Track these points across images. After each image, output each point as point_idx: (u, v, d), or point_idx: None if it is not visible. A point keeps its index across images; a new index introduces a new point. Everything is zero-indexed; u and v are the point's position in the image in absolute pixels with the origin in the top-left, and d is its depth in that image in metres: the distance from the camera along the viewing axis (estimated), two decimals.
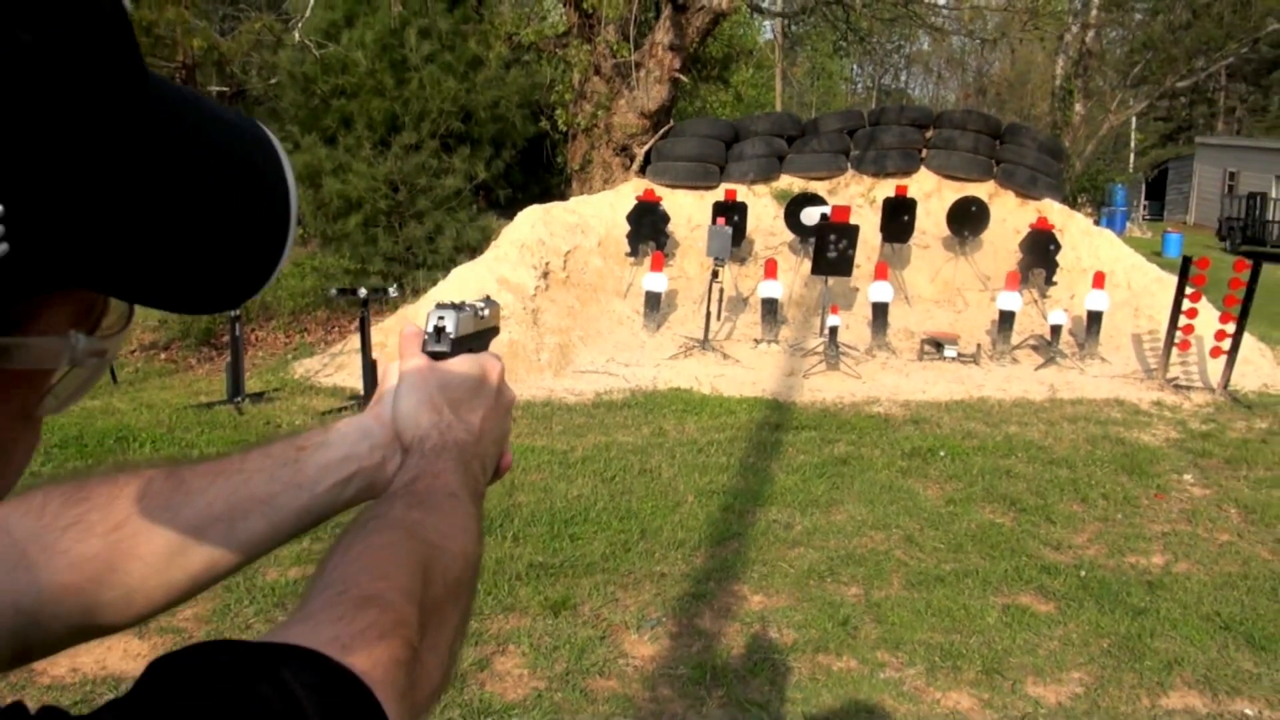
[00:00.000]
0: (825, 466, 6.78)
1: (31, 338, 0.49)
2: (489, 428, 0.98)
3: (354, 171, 12.52)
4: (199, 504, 0.86)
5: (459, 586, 0.77)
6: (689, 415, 8.11)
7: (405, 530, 0.77)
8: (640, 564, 5.16)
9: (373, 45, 12.41)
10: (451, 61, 12.92)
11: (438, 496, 0.84)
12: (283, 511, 0.89)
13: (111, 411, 7.70)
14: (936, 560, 5.29)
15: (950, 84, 53.87)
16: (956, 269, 12.05)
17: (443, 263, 12.34)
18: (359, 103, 12.68)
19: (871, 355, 10.24)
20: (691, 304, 11.34)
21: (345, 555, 0.72)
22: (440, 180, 13.00)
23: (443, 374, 0.97)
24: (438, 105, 12.80)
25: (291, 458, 0.91)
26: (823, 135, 13.08)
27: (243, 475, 0.89)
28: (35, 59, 0.40)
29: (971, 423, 8.04)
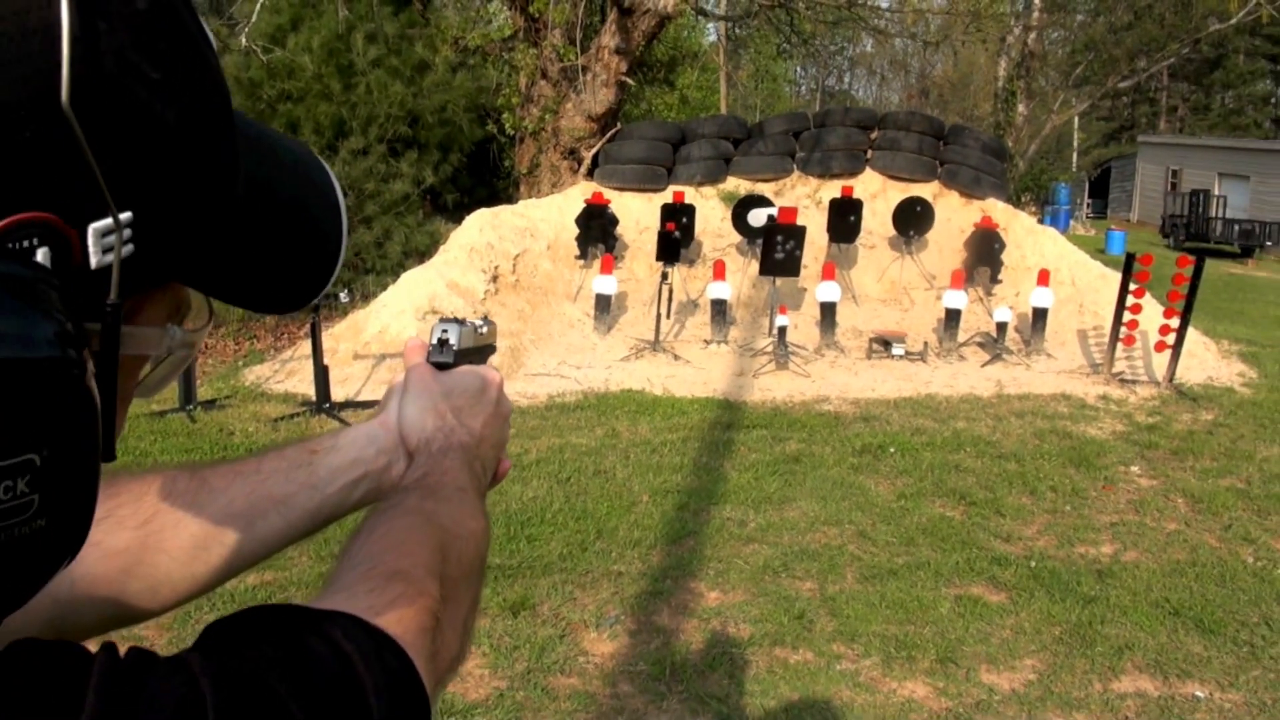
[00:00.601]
0: (777, 464, 6.85)
1: (138, 327, 0.58)
2: (489, 434, 1.05)
3: None
4: (221, 502, 0.92)
5: (472, 568, 0.84)
6: (641, 416, 8.15)
7: (423, 516, 0.84)
8: (597, 563, 5.19)
9: (319, 50, 12.35)
10: (398, 66, 12.90)
11: (448, 490, 0.91)
12: (297, 511, 0.96)
13: None
14: (889, 554, 5.38)
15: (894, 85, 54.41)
16: (903, 268, 12.20)
17: (391, 267, 12.30)
18: (305, 107, 12.60)
19: (820, 354, 10.33)
20: (642, 306, 11.37)
21: (370, 536, 0.79)
22: (388, 185, 12.97)
23: (446, 382, 1.04)
24: (385, 110, 12.76)
25: (305, 460, 0.98)
26: (769, 137, 13.18)
27: (260, 476, 0.95)
28: (162, 94, 0.51)
29: (920, 419, 8.14)
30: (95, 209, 0.49)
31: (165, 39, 0.51)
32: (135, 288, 0.54)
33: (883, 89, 55.35)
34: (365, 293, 11.85)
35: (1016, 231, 12.16)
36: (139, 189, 0.51)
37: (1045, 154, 32.50)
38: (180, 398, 7.88)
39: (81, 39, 0.46)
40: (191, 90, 0.53)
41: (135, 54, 0.49)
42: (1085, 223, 32.96)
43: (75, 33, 0.46)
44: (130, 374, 0.62)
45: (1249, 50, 41.17)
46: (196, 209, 0.56)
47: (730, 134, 13.24)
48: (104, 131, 0.48)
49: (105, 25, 0.48)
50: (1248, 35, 36.68)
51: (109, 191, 0.49)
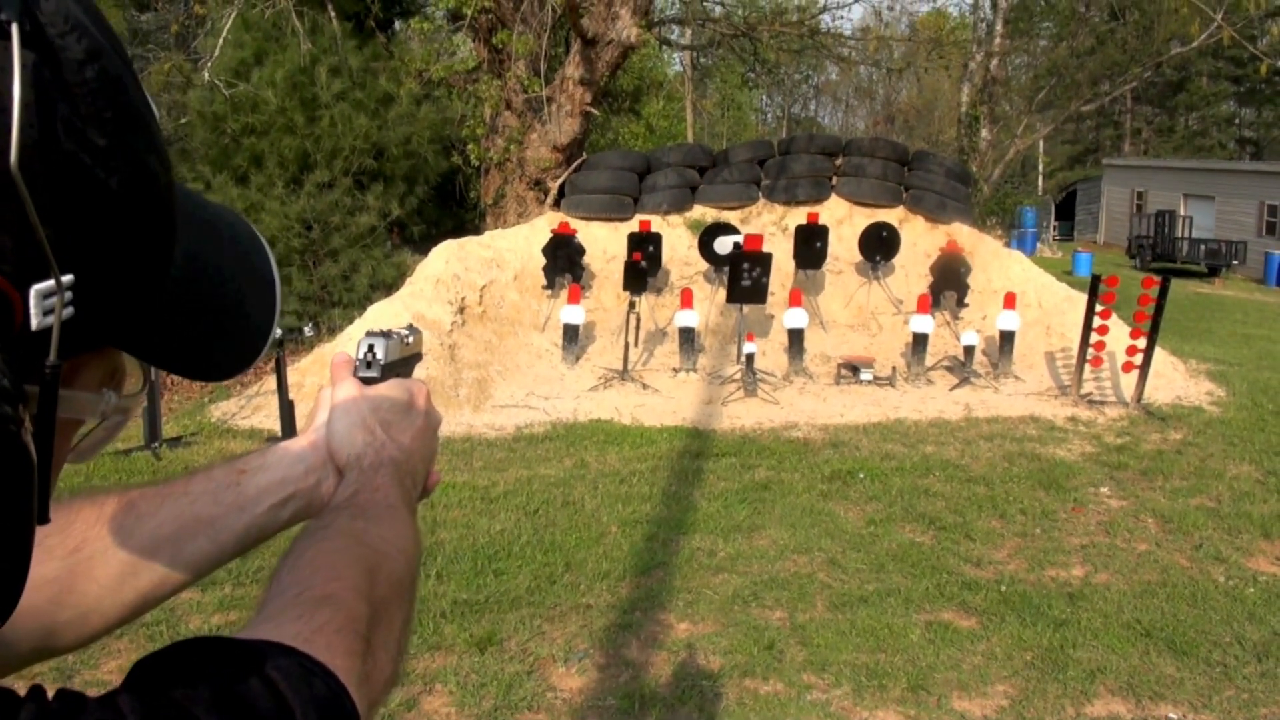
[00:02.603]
0: (746, 492, 6.83)
1: (75, 390, 0.59)
2: (418, 446, 1.04)
3: (266, 210, 12.40)
4: (149, 526, 0.91)
5: (402, 586, 0.84)
6: (610, 446, 8.11)
7: (352, 536, 0.83)
8: (566, 596, 5.15)
9: (283, 83, 12.32)
10: (362, 99, 12.88)
11: (378, 508, 0.91)
12: (225, 532, 0.95)
13: None
14: (859, 581, 5.35)
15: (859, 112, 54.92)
16: (870, 293, 12.23)
17: (358, 300, 12.25)
18: (270, 141, 12.55)
19: (789, 381, 10.34)
20: (609, 335, 11.35)
21: (299, 561, 0.78)
22: (354, 218, 12.93)
23: (374, 397, 1.04)
24: (350, 142, 12.74)
25: (233, 481, 0.97)
26: (734, 165, 13.22)
27: (188, 499, 0.94)
28: (107, 161, 0.52)
29: (889, 444, 8.15)
30: (38, 270, 0.50)
31: (112, 108, 0.52)
32: (73, 350, 0.54)
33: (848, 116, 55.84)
34: (332, 326, 11.79)
35: (982, 255, 12.23)
36: (81, 252, 0.52)
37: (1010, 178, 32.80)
38: (145, 435, 7.78)
39: (32, 106, 0.48)
40: (135, 159, 0.54)
41: (82, 122, 0.50)
42: (1052, 245, 33.25)
43: (26, 100, 0.47)
44: (65, 438, 0.63)
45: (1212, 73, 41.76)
46: (135, 274, 0.56)
47: (696, 163, 13.27)
48: (49, 195, 0.49)
49: (56, 94, 0.49)
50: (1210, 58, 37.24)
51: (52, 254, 0.50)
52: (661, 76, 24.75)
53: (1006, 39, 26.42)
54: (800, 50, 17.69)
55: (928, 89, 42.14)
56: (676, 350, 10.87)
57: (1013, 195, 33.18)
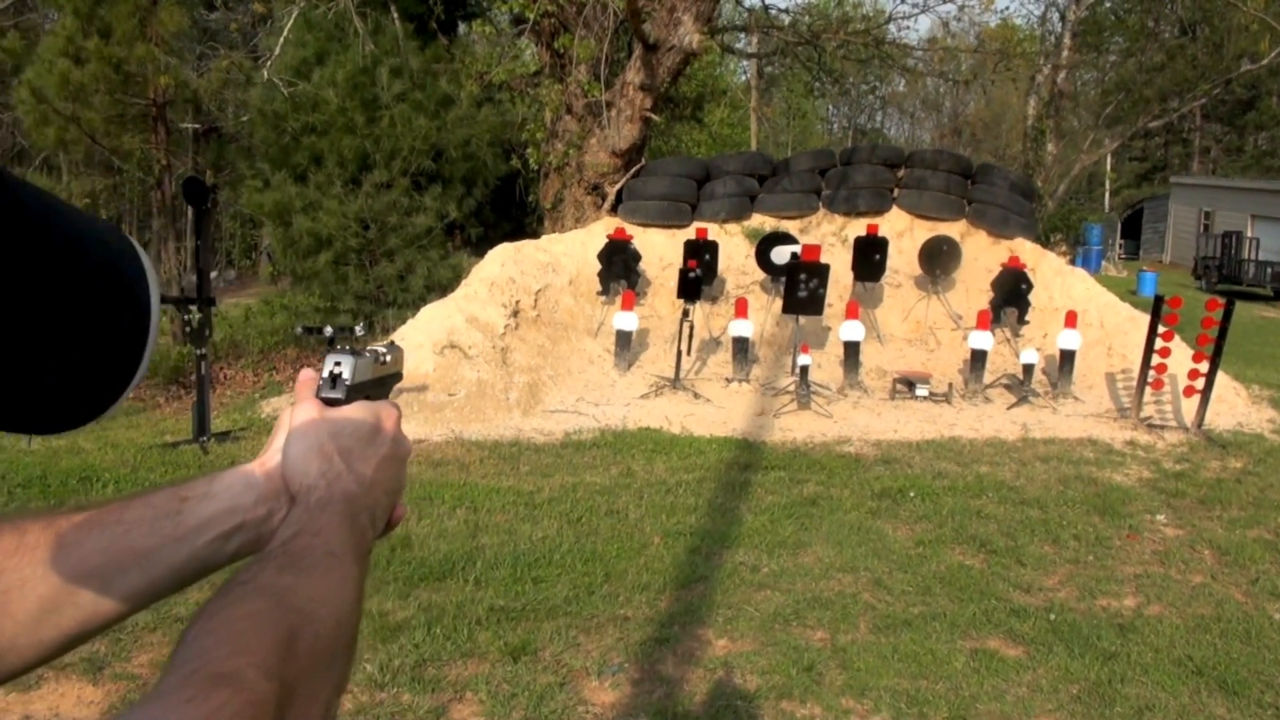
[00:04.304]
0: (794, 507, 6.71)
1: None
2: (381, 478, 0.95)
3: (324, 209, 12.50)
4: (74, 558, 0.83)
5: (329, 653, 0.74)
6: (658, 455, 8.04)
7: (272, 598, 0.73)
8: (603, 608, 5.07)
9: (344, 83, 12.42)
10: (423, 100, 12.94)
11: (315, 555, 0.81)
12: (160, 566, 0.87)
13: (76, 451, 7.58)
14: (904, 603, 5.22)
15: (926, 125, 54.44)
16: (928, 308, 12.06)
17: (413, 301, 12.30)
18: (330, 140, 12.66)
19: (843, 394, 10.20)
20: (663, 343, 11.28)
21: (205, 626, 0.69)
22: (411, 218, 12.99)
23: (334, 421, 0.95)
24: (409, 143, 12.80)
25: (173, 509, 0.89)
26: (795, 174, 13.12)
27: (121, 527, 0.86)
28: None
29: (943, 462, 7.99)
30: None
31: None
32: None
33: (915, 128, 55.37)
34: (385, 326, 11.84)
35: (1044, 272, 12.00)
36: None
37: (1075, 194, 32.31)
38: (194, 429, 7.85)
39: None
40: None
41: None
42: (1117, 264, 32.66)
43: None
44: None
45: None
46: None
47: (756, 171, 13.18)
48: None
49: None
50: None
51: None
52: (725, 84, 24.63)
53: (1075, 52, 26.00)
54: (865, 60, 17.50)
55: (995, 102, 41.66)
56: (730, 360, 10.78)
57: (1078, 212, 32.68)
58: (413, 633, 4.67)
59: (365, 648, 4.52)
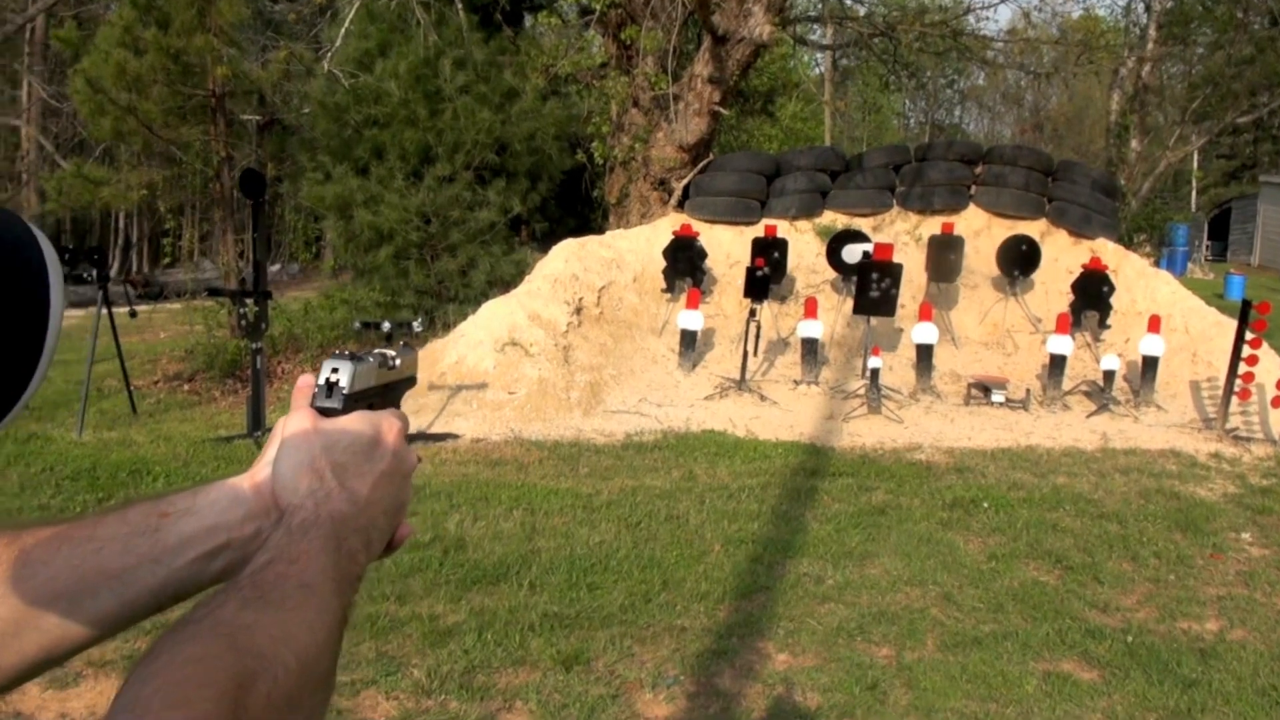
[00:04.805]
0: (861, 516, 6.61)
1: None
2: (379, 496, 0.88)
3: (386, 203, 12.58)
4: (41, 578, 0.78)
5: (292, 699, 0.68)
6: (721, 459, 7.97)
7: (225, 639, 0.67)
8: (660, 617, 5.01)
9: (406, 75, 12.48)
10: (486, 92, 12.97)
11: (286, 588, 0.74)
12: (135, 588, 0.81)
13: (128, 444, 7.69)
14: (975, 620, 5.10)
15: (1006, 119, 53.61)
16: (1006, 310, 11.84)
17: (475, 297, 12.35)
18: (391, 133, 12.74)
19: (915, 399, 10.07)
20: (729, 343, 11.21)
21: (148, 669, 0.63)
22: (474, 213, 13.03)
23: (329, 433, 0.88)
24: (472, 136, 12.84)
25: (151, 526, 0.83)
26: (868, 171, 12.97)
27: (93, 545, 0.81)
28: None
29: (1018, 472, 7.83)
30: None
31: None
32: None
33: (994, 123, 54.58)
34: (446, 322, 11.88)
35: (1127, 274, 11.73)
36: None
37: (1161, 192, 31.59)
38: (248, 423, 7.92)
39: None
40: None
41: None
42: (1204, 266, 31.87)
43: None
44: None
45: None
46: None
47: (827, 166, 13.04)
48: None
49: None
50: None
51: None
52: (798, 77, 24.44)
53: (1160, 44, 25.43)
54: (943, 52, 17.23)
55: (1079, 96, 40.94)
56: (798, 361, 10.68)
57: (1162, 211, 31.92)
58: (463, 638, 4.65)
59: (414, 652, 4.51)
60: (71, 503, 6.33)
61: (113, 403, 9.50)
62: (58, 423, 8.68)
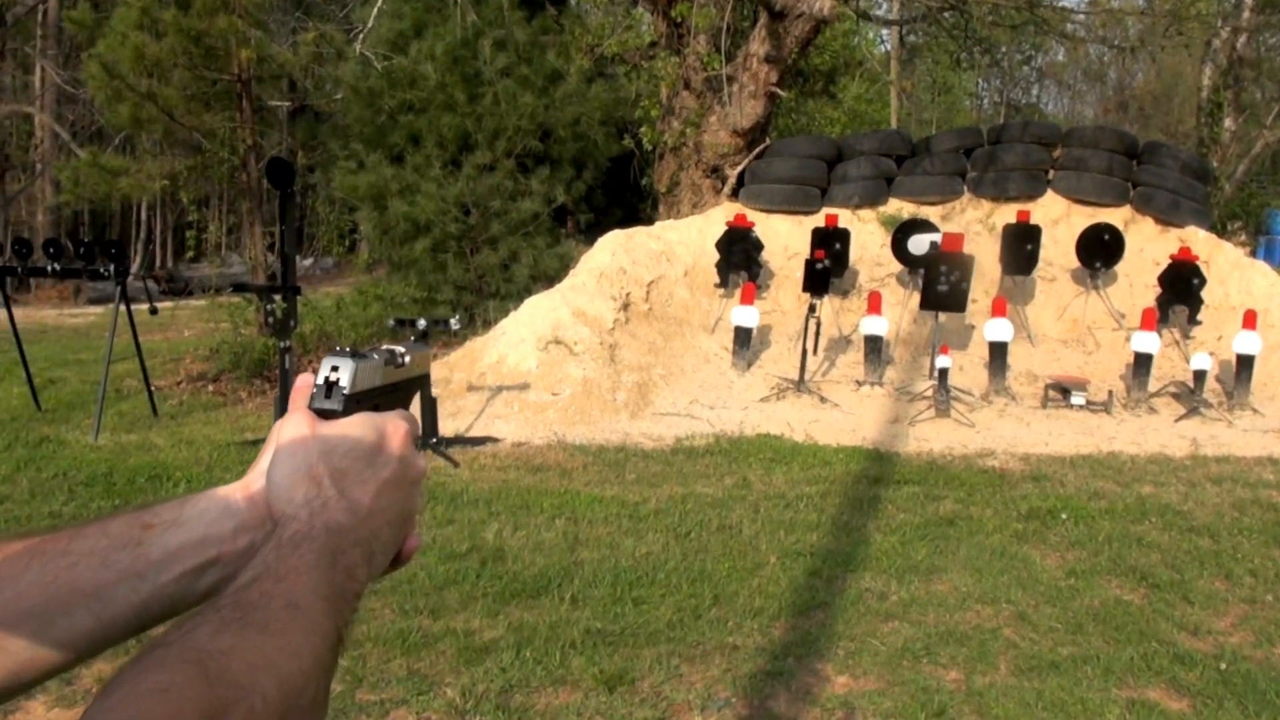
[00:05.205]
0: (928, 527, 6.55)
1: None
2: (383, 506, 0.86)
3: (423, 193, 12.65)
4: (6, 596, 0.76)
5: None
6: (778, 465, 7.95)
7: (197, 666, 0.64)
8: (710, 634, 4.99)
9: (443, 57, 12.54)
10: (529, 75, 13.00)
11: (272, 608, 0.71)
12: (115, 606, 0.79)
13: (147, 447, 7.78)
14: (1052, 642, 5.02)
15: (1088, 98, 52.95)
16: (1086, 305, 11.71)
17: (517, 292, 12.39)
18: (428, 119, 12.80)
19: (987, 401, 9.99)
20: (786, 341, 11.19)
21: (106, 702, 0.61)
22: (516, 203, 13.07)
23: (328, 437, 0.86)
24: (514, 122, 12.88)
25: (133, 539, 0.82)
26: (936, 155, 12.90)
27: (67, 559, 0.79)
28: None
29: (1100, 481, 7.74)
30: None
31: None
32: None
33: (1075, 103, 53.93)
34: (487, 319, 11.93)
35: (1220, 265, 11.56)
36: None
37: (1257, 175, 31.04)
38: None
39: None
40: None
41: None
42: None
43: None
44: None
45: None
46: None
47: (893, 151, 12.98)
48: None
49: None
50: None
51: None
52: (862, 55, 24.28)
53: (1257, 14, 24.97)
54: (1018, 26, 17.04)
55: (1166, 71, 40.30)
56: (861, 361, 10.63)
57: (1259, 196, 31.36)
58: (500, 655, 4.65)
59: (448, 670, 4.51)
60: (85, 510, 6.41)
61: (132, 404, 9.63)
62: (73, 425, 8.81)
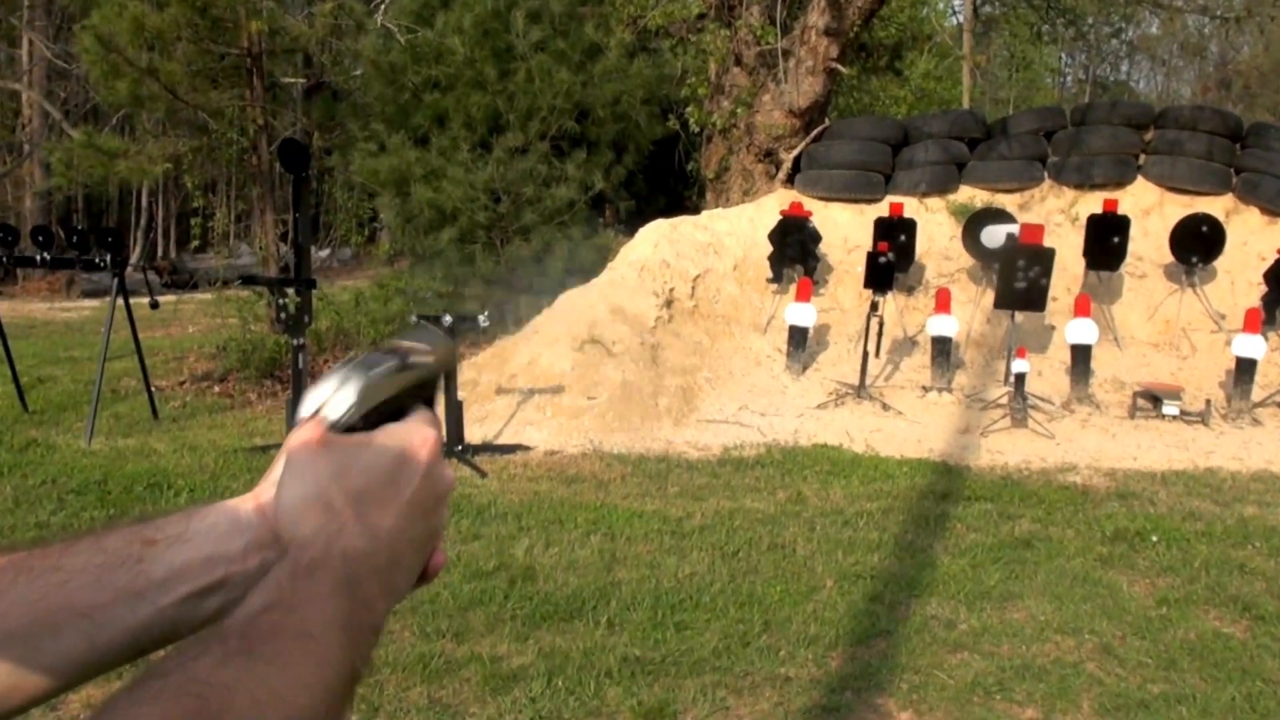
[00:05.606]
0: (1002, 549, 6.51)
1: None
2: (405, 528, 0.83)
3: (449, 178, 12.70)
4: None
5: None
6: (835, 479, 7.94)
7: (197, 700, 0.63)
8: (760, 664, 4.97)
9: (472, 30, 12.59)
10: (565, 49, 13.03)
11: (283, 640, 0.70)
12: (111, 629, 0.78)
13: (147, 452, 7.85)
14: (1141, 679, 4.97)
15: (1185, 75, 52.54)
16: (1181, 304, 11.61)
17: (551, 287, 12.40)
18: (455, 97, 12.86)
19: (1069, 410, 9.95)
20: (845, 342, 11.18)
21: None
22: (550, 190, 13.09)
23: (343, 456, 0.82)
24: (548, 101, 12.91)
25: (132, 555, 0.80)
26: (1013, 138, 12.88)
27: (58, 576, 0.77)
28: None
29: (1195, 500, 7.67)
30: None
31: None
32: None
33: (1171, 80, 53.53)
34: (518, 316, 11.96)
35: None
36: None
37: None
38: (287, 431, 8.03)
39: None
40: None
41: None
42: None
43: None
44: None
45: None
46: None
47: (965, 133, 12.95)
48: None
49: None
50: None
51: None
52: (932, 28, 24.19)
53: None
54: None
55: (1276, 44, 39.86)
56: (927, 365, 10.61)
57: None
58: (530, 684, 4.65)
59: (472, 699, 4.53)
60: (76, 520, 6.47)
61: (130, 406, 9.73)
62: (64, 428, 8.90)
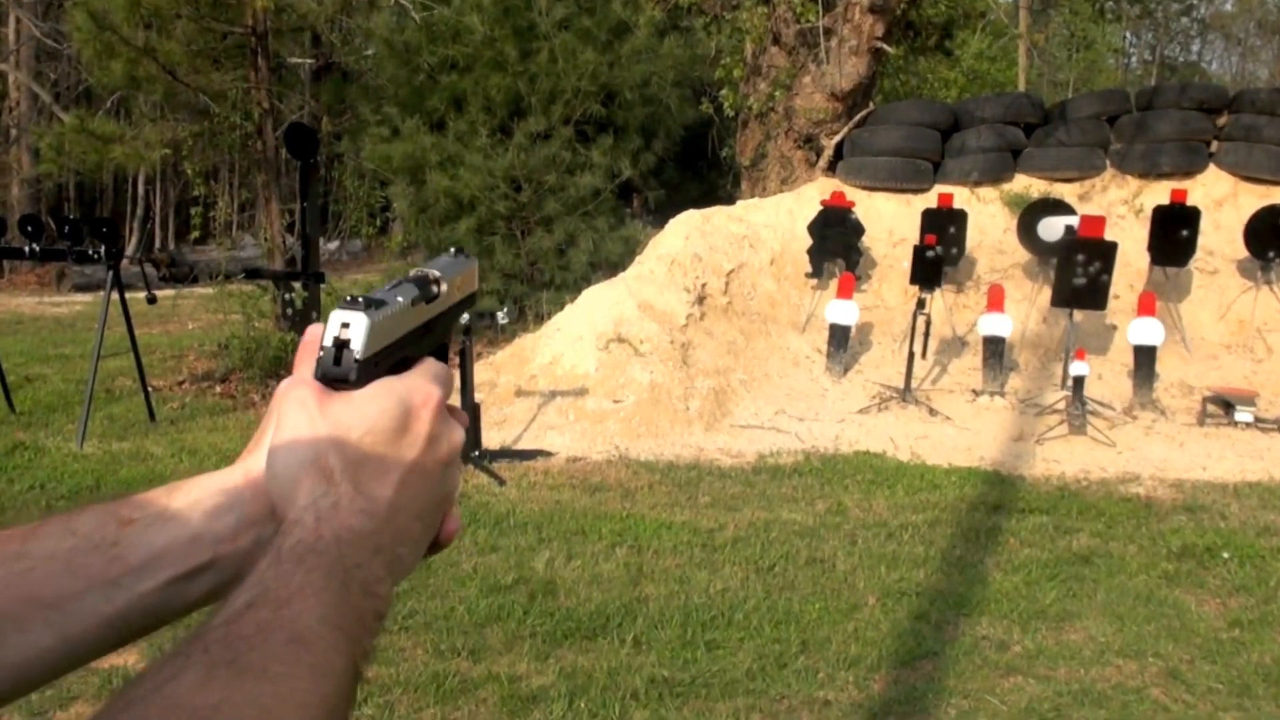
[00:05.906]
0: (1059, 565, 6.49)
1: None
2: (410, 497, 0.78)
3: (467, 165, 12.73)
4: None
5: None
6: (878, 488, 7.93)
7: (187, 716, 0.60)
8: (798, 686, 4.97)
9: (491, 7, 12.63)
10: (591, 28, 13.05)
11: (271, 645, 0.65)
12: (82, 620, 0.75)
13: (142, 456, 7.89)
14: (1211, 706, 4.95)
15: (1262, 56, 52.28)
16: (1255, 303, 11.54)
17: (574, 282, 12.44)
18: (474, 79, 12.89)
19: (1132, 416, 9.90)
20: (890, 342, 11.18)
21: None
22: (575, 178, 13.12)
23: (338, 420, 0.77)
24: (573, 83, 12.93)
25: (106, 538, 0.77)
26: (1073, 123, 12.83)
27: (23, 564, 0.75)
28: None
29: (1271, 514, 7.62)
30: None
31: None
32: None
33: (1245, 61, 53.25)
34: (539, 312, 11.99)
35: None
36: None
37: None
38: None
39: None
40: None
41: None
42: None
43: None
44: None
45: None
46: None
47: (1020, 118, 12.92)
48: None
49: None
50: None
51: None
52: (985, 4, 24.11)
53: None
54: None
55: None
56: (978, 367, 10.58)
57: None
58: (550, 705, 4.67)
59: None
60: None
61: (125, 407, 9.79)
62: (53, 430, 8.95)
